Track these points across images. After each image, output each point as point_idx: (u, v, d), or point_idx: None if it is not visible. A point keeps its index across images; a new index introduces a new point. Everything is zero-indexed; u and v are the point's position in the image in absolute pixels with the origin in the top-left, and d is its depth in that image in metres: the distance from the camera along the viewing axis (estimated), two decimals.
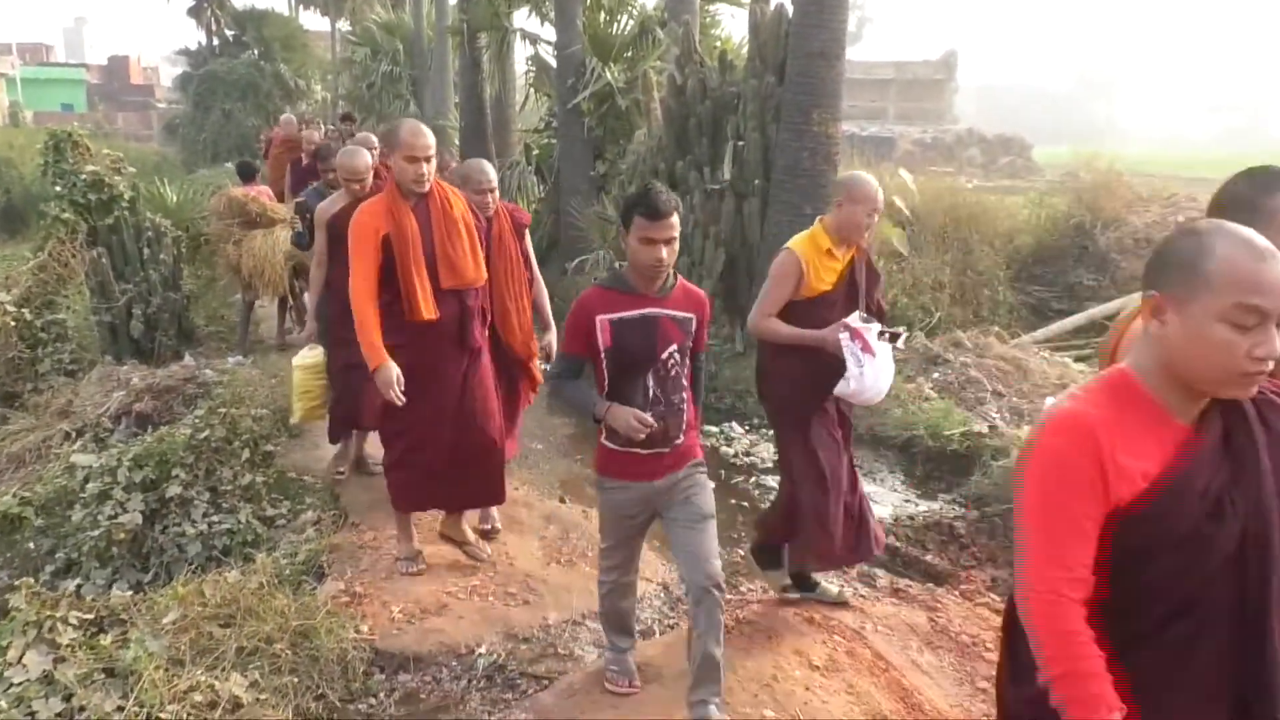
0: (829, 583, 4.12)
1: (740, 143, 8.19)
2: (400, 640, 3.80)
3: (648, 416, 2.87)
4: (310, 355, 5.14)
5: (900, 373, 7.54)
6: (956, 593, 4.35)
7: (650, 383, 2.94)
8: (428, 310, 3.77)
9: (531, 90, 14.83)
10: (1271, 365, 1.51)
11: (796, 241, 3.80)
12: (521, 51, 14.82)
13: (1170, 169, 26.67)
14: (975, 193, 12.20)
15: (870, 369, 3.56)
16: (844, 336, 3.57)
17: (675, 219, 2.84)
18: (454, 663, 3.67)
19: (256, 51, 31.03)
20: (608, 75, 11.43)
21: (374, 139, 8.54)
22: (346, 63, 27.68)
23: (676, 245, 2.87)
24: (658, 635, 3.87)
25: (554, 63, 12.71)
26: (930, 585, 4.47)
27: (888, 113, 41.45)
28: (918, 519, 5.29)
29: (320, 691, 3.39)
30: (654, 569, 4.42)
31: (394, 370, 3.75)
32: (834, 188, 3.95)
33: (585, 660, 3.68)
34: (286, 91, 30.50)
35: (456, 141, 15.53)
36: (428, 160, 3.73)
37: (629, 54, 11.97)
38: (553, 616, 3.98)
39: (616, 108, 11.53)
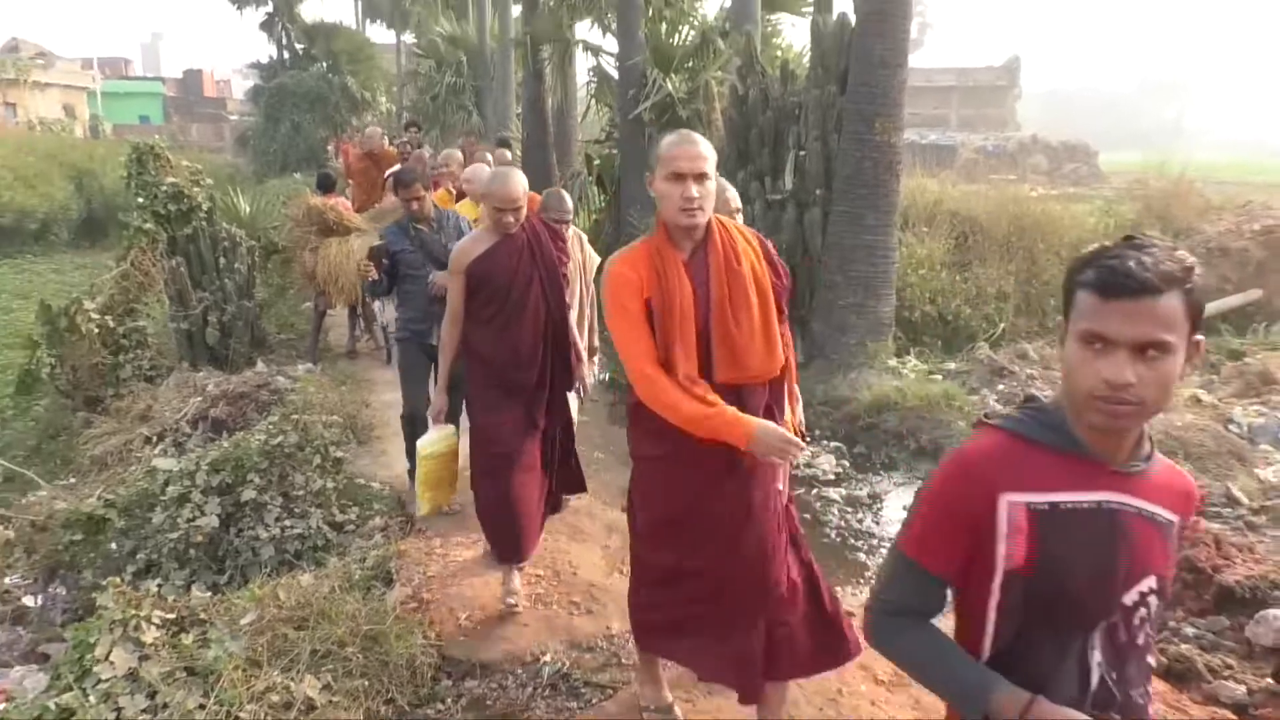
0: None
1: (802, 152, 8.18)
2: (467, 647, 3.87)
3: None
4: (439, 439, 4.18)
5: (964, 384, 7.48)
6: None
7: (1095, 651, 1.49)
8: None
9: (593, 101, 14.96)
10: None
11: None
12: (583, 63, 15.00)
13: (1244, 174, 25.97)
14: (1040, 200, 12.01)
15: None
16: None
17: (1169, 301, 1.36)
18: (519, 670, 3.73)
19: (325, 64, 31.73)
20: (669, 86, 11.48)
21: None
22: (411, 74, 28.18)
23: (1171, 367, 1.37)
24: None
25: (615, 74, 12.81)
26: None
27: (950, 120, 40.97)
28: None
29: (390, 695, 3.47)
30: None
31: (772, 429, 2.53)
32: None
33: None
34: (353, 103, 31.14)
35: (519, 151, 15.72)
36: (698, 179, 2.57)
37: (690, 64, 12.01)
38: (615, 626, 4.01)
39: (678, 118, 11.57)
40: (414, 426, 4.92)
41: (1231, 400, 6.85)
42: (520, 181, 3.90)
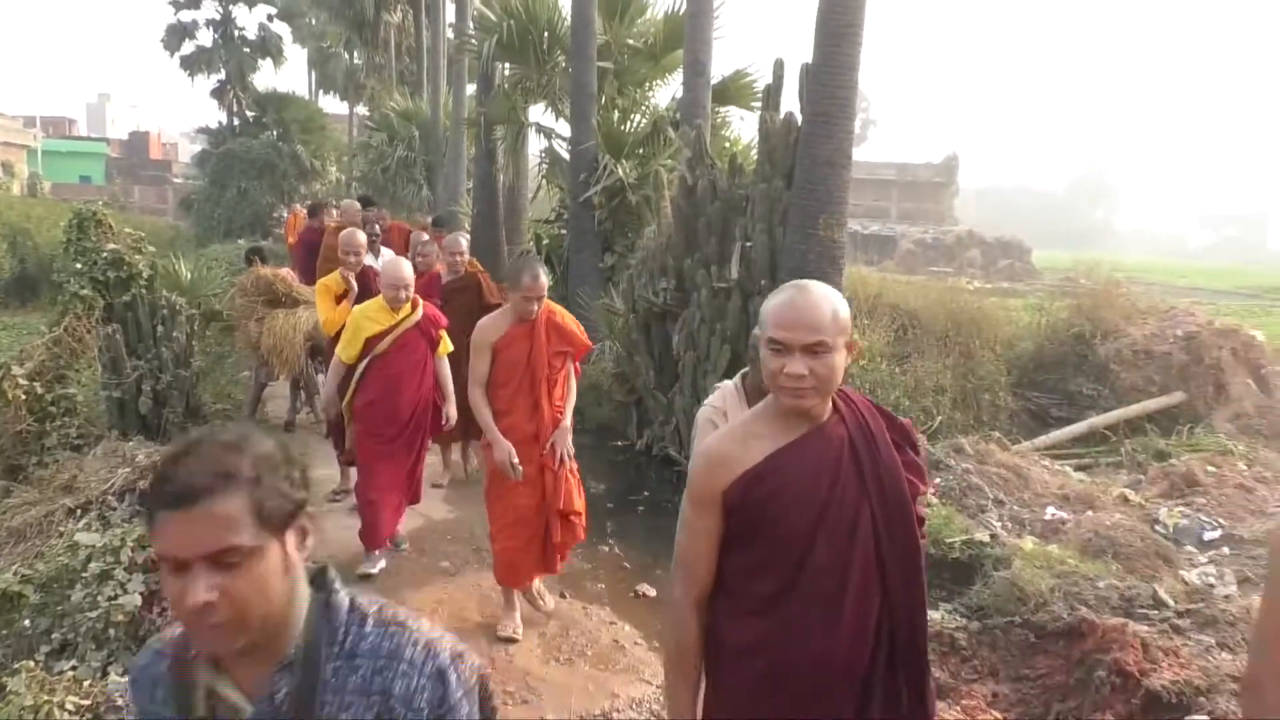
0: None
1: (748, 243, 8.35)
2: None
3: None
4: None
5: None
6: (958, 708, 4.31)
7: None
8: None
9: (544, 181, 15.18)
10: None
11: None
12: (535, 144, 15.23)
13: (1166, 277, 27.24)
14: (976, 294, 12.41)
15: None
16: None
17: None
18: None
19: (275, 132, 31.76)
20: (619, 171, 11.71)
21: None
22: (363, 146, 28.28)
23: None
24: None
25: (567, 156, 13.04)
26: None
27: (890, 212, 42.33)
28: None
29: None
30: (654, 670, 4.39)
31: None
32: None
33: None
34: (302, 171, 31.14)
35: (468, 227, 15.82)
36: None
37: (641, 151, 12.29)
38: (550, 716, 3.95)
39: (627, 202, 11.79)
40: None
41: (1157, 500, 7.05)
42: (821, 301, 1.99)
